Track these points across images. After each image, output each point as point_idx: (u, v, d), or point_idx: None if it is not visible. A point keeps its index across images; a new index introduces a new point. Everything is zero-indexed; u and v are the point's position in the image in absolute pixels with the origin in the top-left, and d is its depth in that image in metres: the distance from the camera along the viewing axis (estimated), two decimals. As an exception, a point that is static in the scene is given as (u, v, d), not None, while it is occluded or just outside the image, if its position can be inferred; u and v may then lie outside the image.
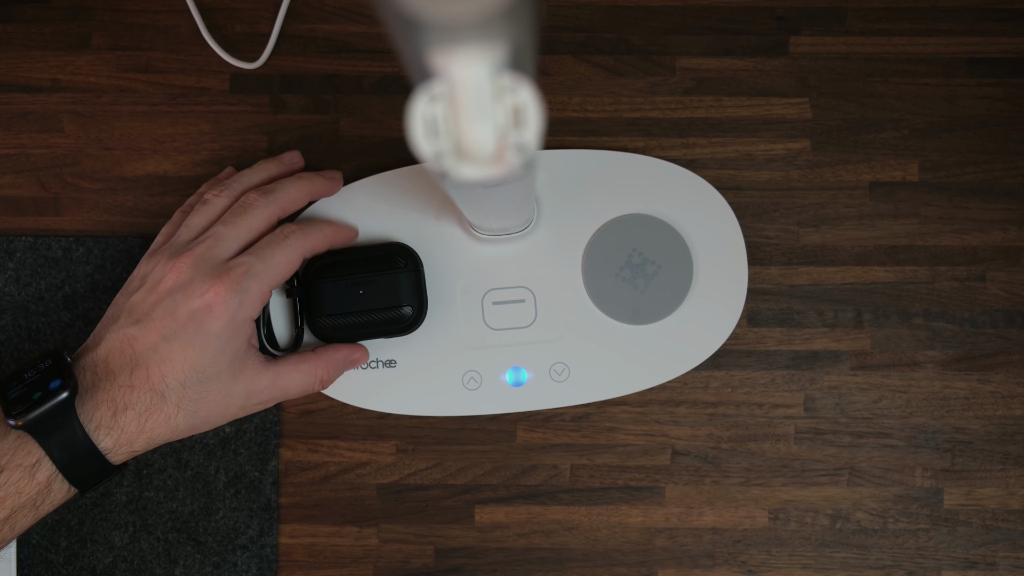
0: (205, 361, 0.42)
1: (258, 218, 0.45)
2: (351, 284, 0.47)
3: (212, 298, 0.41)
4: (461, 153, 0.26)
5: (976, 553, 0.51)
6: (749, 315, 0.51)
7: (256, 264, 0.43)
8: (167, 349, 0.41)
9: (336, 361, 0.47)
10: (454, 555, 0.51)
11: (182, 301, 0.42)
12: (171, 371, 0.41)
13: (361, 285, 0.47)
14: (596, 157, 0.51)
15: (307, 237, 0.45)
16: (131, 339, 0.42)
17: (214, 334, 0.42)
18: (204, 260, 0.42)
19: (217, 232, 0.44)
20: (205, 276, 0.42)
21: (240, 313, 0.42)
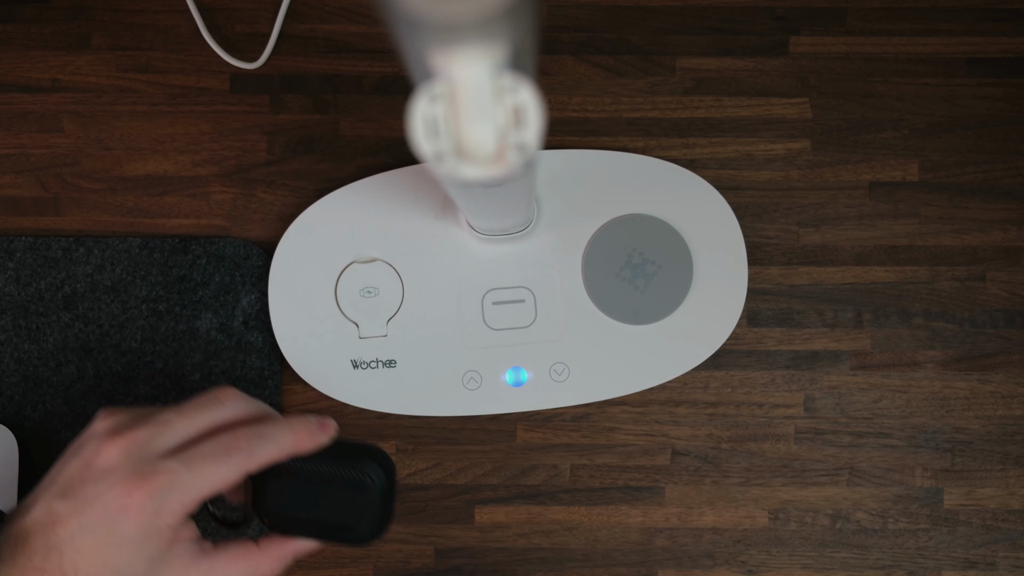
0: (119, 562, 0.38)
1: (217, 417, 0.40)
2: (310, 487, 0.41)
3: (127, 502, 0.38)
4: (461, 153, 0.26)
5: (976, 553, 0.51)
6: (749, 315, 0.51)
7: (184, 475, 0.38)
8: (82, 540, 0.38)
9: (284, 556, 0.42)
10: (454, 555, 0.51)
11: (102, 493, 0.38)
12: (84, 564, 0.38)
13: (320, 495, 0.41)
14: (596, 157, 0.51)
15: (254, 455, 0.39)
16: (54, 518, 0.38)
17: (127, 538, 0.38)
18: (138, 449, 0.39)
19: (166, 419, 0.39)
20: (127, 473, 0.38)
21: (156, 522, 0.38)
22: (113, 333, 0.51)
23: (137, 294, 0.51)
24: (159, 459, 0.39)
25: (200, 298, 0.51)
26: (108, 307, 0.51)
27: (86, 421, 0.50)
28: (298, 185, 0.52)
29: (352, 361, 0.50)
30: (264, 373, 0.51)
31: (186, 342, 0.51)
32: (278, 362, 0.51)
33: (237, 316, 0.51)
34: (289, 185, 0.52)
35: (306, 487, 0.40)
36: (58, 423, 0.51)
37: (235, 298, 0.51)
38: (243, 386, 0.51)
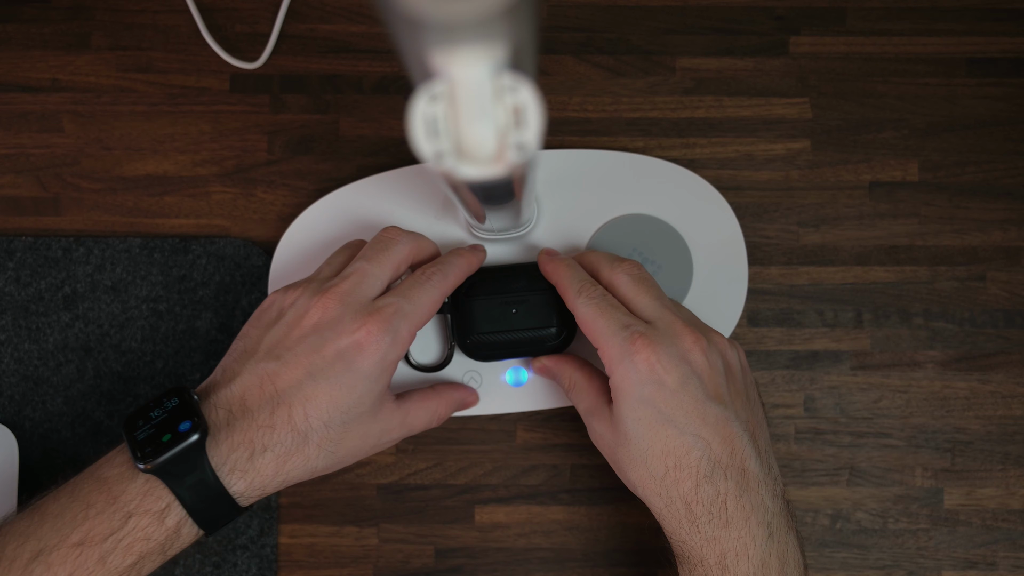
0: (351, 401, 0.40)
1: (400, 254, 0.43)
2: (503, 302, 0.47)
3: (363, 337, 0.40)
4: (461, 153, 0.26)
5: (976, 553, 0.51)
6: (749, 315, 0.51)
7: (405, 305, 0.41)
8: (312, 387, 0.39)
9: (454, 400, 0.47)
10: (454, 555, 0.51)
11: (330, 338, 0.40)
12: (315, 410, 0.40)
13: (513, 304, 0.47)
14: (596, 157, 0.51)
15: (447, 277, 0.44)
16: (272, 375, 0.40)
17: (363, 374, 0.40)
18: (352, 297, 0.41)
19: (361, 268, 0.42)
20: (355, 314, 0.40)
21: (390, 354, 0.41)
22: (113, 333, 0.51)
23: (137, 294, 0.51)
24: (375, 300, 0.42)
25: (200, 298, 0.51)
26: (108, 307, 0.51)
27: (86, 421, 0.51)
28: (298, 185, 0.52)
29: (352, 361, 0.50)
30: (264, 373, 0.51)
31: (186, 342, 0.51)
32: (278, 362, 0.51)
33: (237, 316, 0.51)
34: (289, 185, 0.52)
35: (499, 304, 0.47)
36: (58, 423, 0.51)
37: (235, 298, 0.51)
38: (243, 386, 0.51)
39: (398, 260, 0.43)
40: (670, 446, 0.40)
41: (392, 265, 0.43)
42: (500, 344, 0.47)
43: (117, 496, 0.38)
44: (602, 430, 0.43)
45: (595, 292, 0.43)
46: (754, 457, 0.40)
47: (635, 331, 0.41)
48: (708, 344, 0.42)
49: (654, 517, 0.41)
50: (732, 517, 0.39)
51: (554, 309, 0.47)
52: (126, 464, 0.39)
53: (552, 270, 0.46)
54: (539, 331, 0.47)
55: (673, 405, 0.40)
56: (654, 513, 0.42)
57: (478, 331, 0.47)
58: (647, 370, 0.40)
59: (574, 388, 0.46)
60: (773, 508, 0.40)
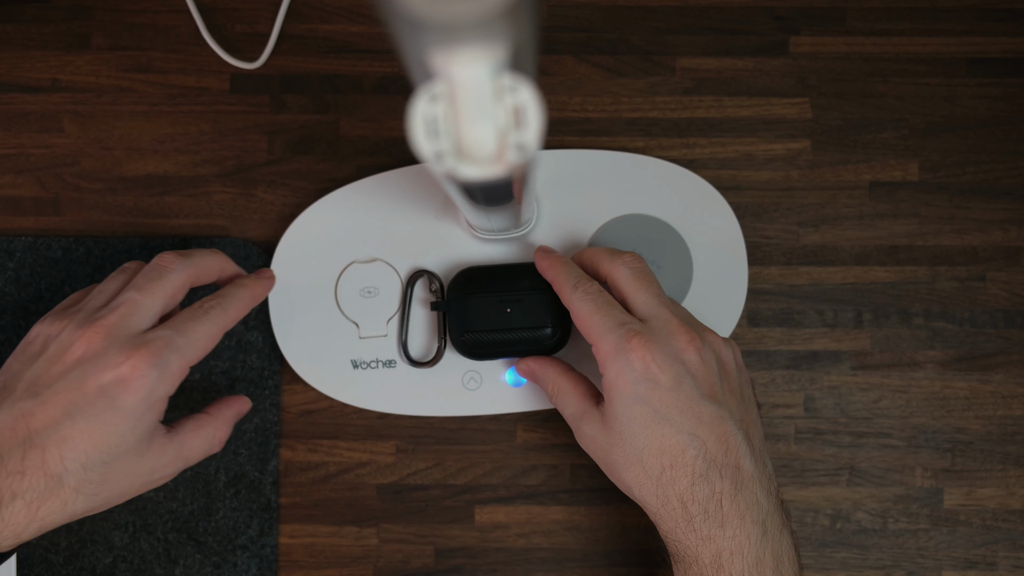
0: (113, 440, 0.38)
1: (173, 283, 0.41)
2: (498, 301, 0.47)
3: (128, 371, 0.37)
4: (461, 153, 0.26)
5: (976, 553, 0.51)
6: (749, 315, 0.51)
7: (177, 339, 0.39)
8: (70, 427, 0.37)
9: (229, 417, 0.45)
10: (454, 555, 0.51)
11: (92, 373, 0.37)
12: (72, 452, 0.37)
13: (509, 303, 0.47)
14: (596, 157, 0.51)
15: (226, 310, 0.42)
16: (27, 415, 0.37)
17: (127, 411, 0.38)
18: (119, 330, 0.39)
19: (131, 299, 0.40)
20: (120, 347, 0.38)
21: (158, 389, 0.38)
22: (113, 333, 0.51)
23: (137, 294, 0.51)
24: (145, 333, 0.39)
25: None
26: (108, 307, 0.51)
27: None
28: (298, 185, 0.52)
29: (352, 361, 0.50)
30: (264, 373, 0.51)
31: (186, 342, 0.51)
32: (278, 362, 0.51)
33: (237, 316, 0.51)
34: (289, 185, 0.52)
35: (495, 302, 0.47)
36: (58, 423, 0.51)
37: (235, 298, 0.51)
38: (243, 386, 0.51)
39: (172, 289, 0.41)
40: (666, 444, 0.40)
41: (164, 295, 0.41)
42: (494, 343, 0.48)
43: None
44: (593, 432, 0.43)
45: (591, 288, 0.43)
46: (748, 455, 0.40)
47: (630, 329, 0.41)
48: (703, 343, 0.42)
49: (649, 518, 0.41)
50: (727, 516, 0.39)
51: (550, 309, 0.47)
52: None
53: (548, 267, 0.46)
54: (534, 331, 0.47)
55: (668, 403, 0.40)
56: (649, 514, 0.42)
57: (472, 329, 0.47)
58: (642, 368, 0.40)
59: (559, 393, 0.45)
60: (767, 506, 0.40)
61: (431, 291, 0.50)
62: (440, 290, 0.49)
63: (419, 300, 0.50)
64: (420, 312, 0.50)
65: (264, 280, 0.46)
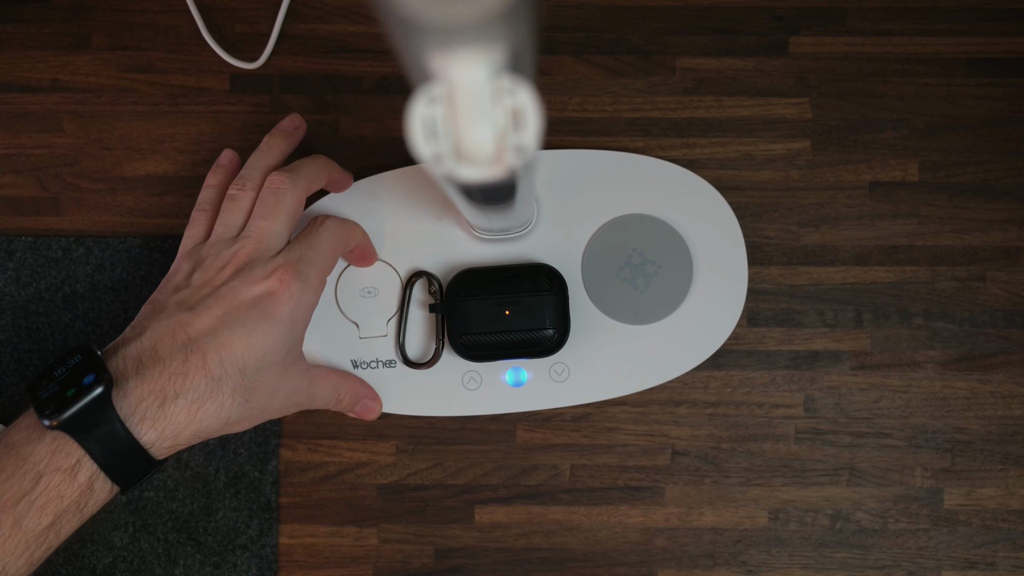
0: (266, 347, 0.41)
1: (292, 202, 0.44)
2: (497, 304, 0.48)
3: (275, 284, 0.41)
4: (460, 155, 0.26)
5: (976, 553, 0.51)
6: (749, 315, 0.51)
7: (308, 252, 0.43)
8: (227, 334, 0.40)
9: (357, 391, 0.48)
10: (454, 555, 0.51)
11: (243, 288, 0.41)
12: (230, 356, 0.40)
13: (507, 305, 0.48)
14: (596, 157, 0.51)
15: (339, 220, 0.46)
16: (184, 324, 0.40)
17: (278, 320, 0.41)
18: (260, 251, 0.42)
19: (260, 227, 0.43)
20: (265, 266, 0.42)
21: (303, 300, 0.42)
22: (113, 333, 0.51)
23: (137, 294, 0.51)
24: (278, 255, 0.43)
25: None
26: (108, 307, 0.51)
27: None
28: (298, 185, 0.52)
29: (352, 361, 0.50)
30: (264, 373, 0.51)
31: (186, 342, 0.51)
32: (278, 362, 0.51)
33: (237, 316, 0.51)
34: (289, 185, 0.52)
35: (492, 305, 0.48)
36: (58, 423, 0.51)
37: (235, 298, 0.51)
38: (243, 386, 0.51)
39: (292, 207, 0.44)
40: None
41: (288, 214, 0.44)
42: (492, 345, 0.48)
43: (25, 457, 0.38)
44: None
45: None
46: None
47: None
48: None
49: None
50: None
51: (548, 311, 0.48)
52: (32, 426, 0.39)
53: None
54: (532, 333, 0.48)
55: None
56: None
57: (470, 331, 0.48)
58: None
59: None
60: None
61: (430, 292, 0.50)
62: (439, 291, 0.49)
63: (418, 301, 0.50)
64: (419, 313, 0.50)
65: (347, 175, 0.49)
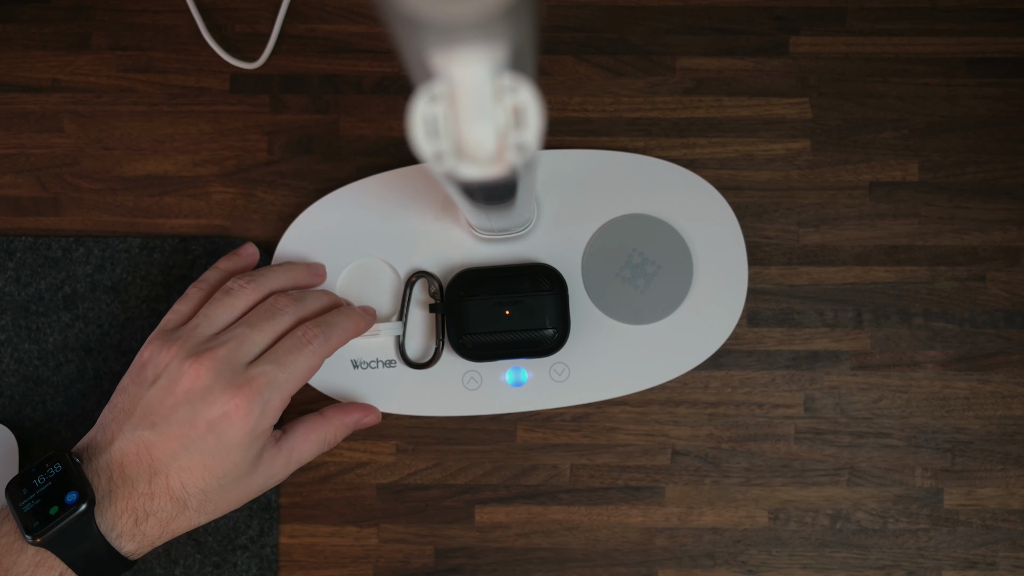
0: (225, 468, 0.41)
1: (283, 324, 0.44)
2: (497, 304, 0.48)
3: (232, 409, 0.41)
4: (461, 153, 0.26)
5: (976, 553, 0.51)
6: (749, 315, 0.51)
7: (279, 374, 0.42)
8: (187, 458, 0.41)
9: (346, 425, 0.47)
10: (454, 555, 0.51)
11: (201, 409, 0.41)
12: (191, 479, 0.41)
13: (507, 305, 0.48)
14: (596, 157, 0.51)
15: (328, 340, 0.44)
16: (148, 445, 0.41)
17: (235, 444, 0.41)
18: (226, 364, 0.41)
19: (241, 334, 0.42)
20: (225, 385, 0.41)
21: (261, 424, 0.42)
22: (113, 333, 0.51)
23: (137, 294, 0.51)
24: (248, 367, 0.42)
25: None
26: (108, 307, 0.51)
27: (86, 421, 0.50)
28: (298, 185, 0.52)
29: (352, 361, 0.50)
30: (264, 373, 0.51)
31: (186, 342, 0.51)
32: (278, 362, 0.51)
33: (237, 316, 0.51)
34: (289, 185, 0.52)
35: (492, 305, 0.47)
36: (58, 423, 0.51)
37: (235, 298, 0.51)
38: (243, 386, 0.51)
39: (281, 329, 0.44)
40: None
41: (274, 334, 0.43)
42: (492, 345, 0.48)
43: (8, 568, 0.39)
44: None
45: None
46: None
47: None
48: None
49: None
50: None
51: (548, 311, 0.48)
52: (14, 534, 0.40)
53: None
54: (532, 333, 0.48)
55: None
56: None
57: (470, 331, 0.48)
58: None
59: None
60: None
61: (430, 293, 0.49)
62: (439, 292, 0.49)
63: (418, 302, 0.50)
64: (419, 314, 0.50)
65: (367, 316, 0.47)
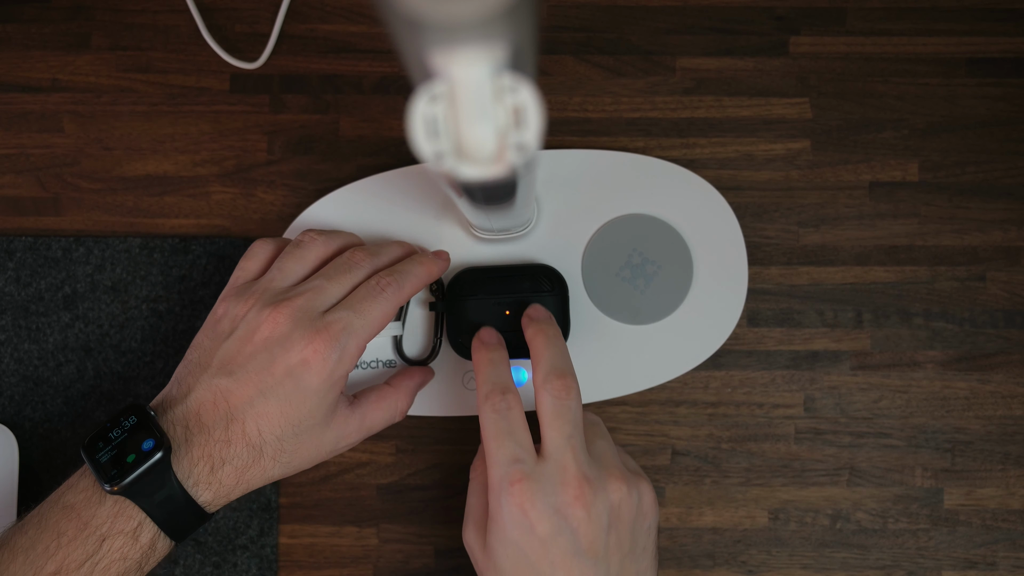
0: (301, 415, 0.41)
1: (359, 276, 0.44)
2: (496, 303, 0.48)
3: (311, 354, 0.40)
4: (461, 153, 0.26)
5: (976, 553, 0.51)
6: (749, 315, 0.51)
7: (355, 320, 0.42)
8: (263, 404, 0.40)
9: (412, 390, 0.47)
10: (454, 555, 0.51)
11: (279, 355, 0.41)
12: (268, 426, 0.41)
13: (507, 305, 0.48)
14: (596, 157, 0.51)
15: (401, 288, 0.44)
16: (225, 392, 0.41)
17: (312, 390, 0.41)
18: (303, 312, 0.41)
19: (319, 285, 0.42)
20: (304, 330, 0.41)
21: (338, 370, 0.41)
22: (113, 333, 0.51)
23: (137, 294, 0.51)
24: (323, 315, 0.42)
25: (200, 298, 0.51)
26: (108, 307, 0.51)
27: (86, 421, 0.51)
28: (298, 185, 0.52)
29: (352, 361, 0.50)
30: (264, 373, 0.51)
31: (186, 342, 0.51)
32: (278, 362, 0.51)
33: (237, 316, 0.51)
34: (289, 185, 0.52)
35: (492, 304, 0.48)
36: (58, 423, 0.51)
37: (235, 298, 0.51)
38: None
39: (357, 281, 0.44)
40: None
41: (351, 285, 0.43)
42: None
43: (88, 521, 0.38)
44: (473, 543, 0.43)
45: (500, 405, 0.42)
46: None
47: (519, 469, 0.40)
48: (594, 497, 0.40)
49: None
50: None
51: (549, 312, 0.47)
52: (92, 488, 0.39)
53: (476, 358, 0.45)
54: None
55: (540, 554, 0.39)
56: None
57: (470, 330, 0.48)
58: (519, 514, 0.39)
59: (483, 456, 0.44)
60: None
61: (431, 291, 0.50)
62: (440, 290, 0.49)
63: (418, 300, 0.50)
64: (419, 312, 0.50)
65: (440, 260, 0.47)
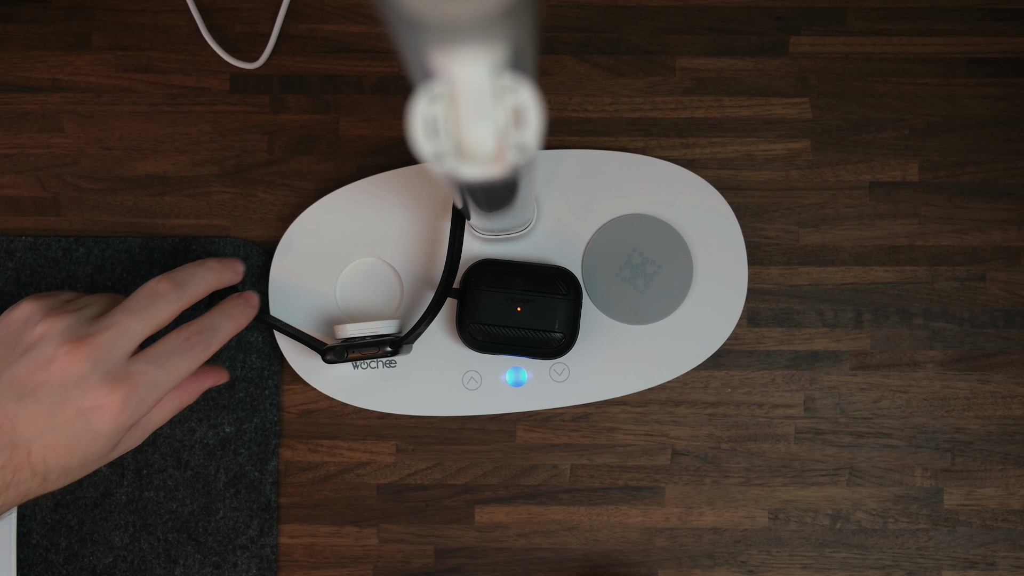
0: (89, 452, 0.41)
1: (164, 313, 0.42)
2: (510, 298, 0.48)
3: (108, 403, 0.40)
4: (461, 153, 0.26)
5: (976, 553, 0.51)
6: (749, 315, 0.51)
7: (159, 377, 0.41)
8: (52, 437, 0.40)
9: (199, 391, 0.47)
10: (454, 555, 0.51)
11: (75, 395, 0.40)
12: (54, 458, 0.40)
13: (520, 302, 0.48)
14: (596, 157, 0.51)
15: (210, 345, 0.43)
16: (12, 416, 0.39)
17: (103, 433, 0.40)
18: (104, 355, 0.40)
19: (120, 322, 0.41)
20: (103, 377, 0.40)
21: (132, 418, 0.41)
22: (113, 333, 0.51)
23: (137, 294, 0.51)
24: (128, 363, 0.41)
25: None
26: (108, 307, 0.51)
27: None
28: (298, 185, 0.52)
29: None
30: (264, 373, 0.51)
31: (186, 342, 0.51)
32: (278, 362, 0.51)
33: (237, 316, 0.51)
34: (289, 185, 0.52)
35: (505, 299, 0.48)
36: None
37: (235, 298, 0.51)
38: (243, 386, 0.51)
39: (162, 319, 0.42)
40: None
41: (154, 323, 0.42)
42: (498, 338, 0.48)
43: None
44: None
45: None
46: None
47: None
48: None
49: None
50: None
51: (559, 316, 0.48)
52: None
53: None
54: (540, 333, 0.47)
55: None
56: None
57: (480, 320, 0.48)
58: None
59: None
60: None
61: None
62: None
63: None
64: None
65: (249, 309, 0.46)
